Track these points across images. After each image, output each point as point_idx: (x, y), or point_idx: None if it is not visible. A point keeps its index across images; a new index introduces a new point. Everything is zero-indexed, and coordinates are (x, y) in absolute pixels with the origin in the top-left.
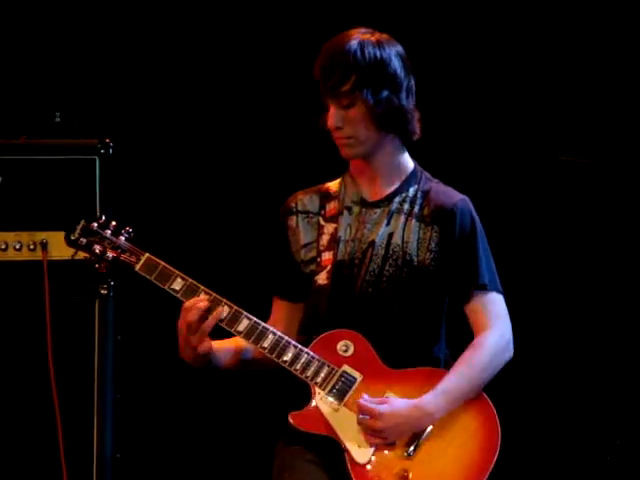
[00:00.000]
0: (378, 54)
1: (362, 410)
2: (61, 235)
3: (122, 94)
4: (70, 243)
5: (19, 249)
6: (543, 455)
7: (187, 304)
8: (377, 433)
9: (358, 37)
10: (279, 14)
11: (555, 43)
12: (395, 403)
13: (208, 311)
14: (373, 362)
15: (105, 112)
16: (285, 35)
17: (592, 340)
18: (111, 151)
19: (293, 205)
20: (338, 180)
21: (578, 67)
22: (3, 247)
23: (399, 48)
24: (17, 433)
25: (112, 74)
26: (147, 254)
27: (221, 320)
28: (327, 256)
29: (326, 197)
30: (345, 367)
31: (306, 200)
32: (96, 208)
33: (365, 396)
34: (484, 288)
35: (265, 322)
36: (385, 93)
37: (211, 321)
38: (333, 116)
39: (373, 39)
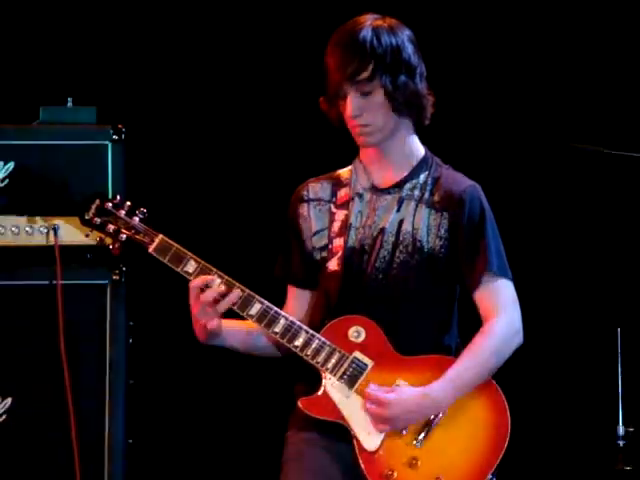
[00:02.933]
0: (393, 40)
1: (370, 398)
2: (73, 220)
3: (134, 79)
4: (84, 222)
5: (31, 234)
6: (554, 443)
7: (196, 282)
8: (385, 421)
9: (370, 24)
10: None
11: (570, 29)
12: (403, 391)
13: (222, 294)
14: (384, 349)
15: (117, 97)
16: (296, 25)
17: (603, 326)
18: (123, 136)
19: (304, 193)
20: (349, 167)
21: (592, 53)
22: (15, 232)
23: (409, 33)
24: (29, 419)
25: (124, 60)
26: (161, 235)
27: (233, 303)
28: (338, 242)
29: (337, 184)
30: (356, 353)
31: (317, 188)
32: (108, 193)
33: (372, 385)
34: (493, 274)
35: (279, 308)
36: (402, 78)
37: (224, 305)
38: (351, 104)
39: (386, 25)
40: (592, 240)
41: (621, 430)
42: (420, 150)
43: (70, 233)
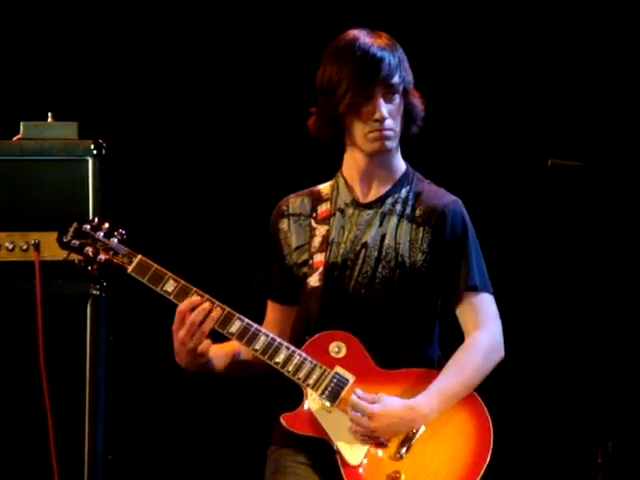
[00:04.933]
0: (403, 52)
1: (355, 408)
2: (54, 236)
3: (115, 95)
4: (62, 245)
5: (12, 249)
6: (535, 456)
7: (184, 306)
8: (369, 433)
9: (380, 34)
10: (264, 23)
11: (546, 46)
12: (388, 403)
13: (203, 314)
14: (366, 363)
15: (99, 113)
16: (275, 41)
17: (583, 342)
18: (104, 152)
19: (284, 208)
20: (329, 183)
21: (570, 70)
22: None
23: None
24: (8, 434)
25: (105, 75)
26: (140, 256)
27: (215, 322)
28: (319, 258)
29: (317, 200)
30: (338, 368)
31: (297, 203)
32: (89, 209)
33: (359, 392)
34: (475, 289)
35: (259, 324)
36: (412, 88)
37: (209, 323)
38: (382, 106)
39: (389, 37)
40: (573, 254)
41: None
42: (402, 165)
43: (51, 249)
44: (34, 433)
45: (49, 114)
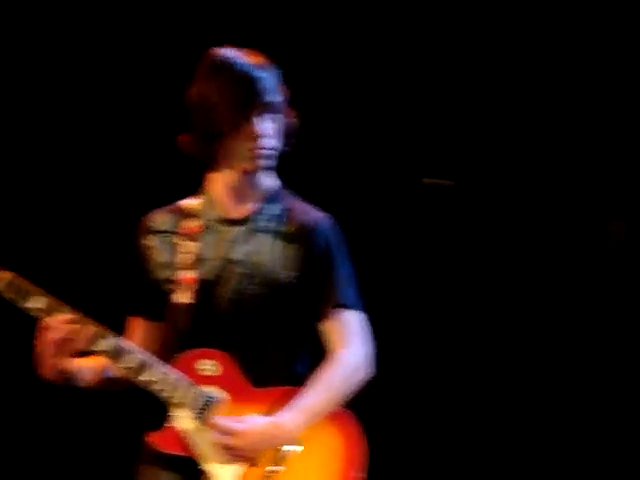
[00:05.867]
0: (278, 70)
1: (218, 429)
2: None
3: None
4: None
5: None
6: (405, 471)
7: (48, 322)
8: (234, 451)
9: (257, 53)
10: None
11: (420, 68)
12: (251, 421)
13: (74, 332)
14: (237, 381)
15: None
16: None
17: (450, 358)
18: None
19: (150, 224)
20: (195, 198)
21: (443, 89)
22: None
23: None
24: None
25: None
26: (8, 272)
27: (87, 340)
28: (187, 274)
29: (183, 215)
30: (208, 387)
31: (163, 219)
32: None
33: (221, 416)
34: (344, 307)
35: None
36: (288, 107)
37: (80, 343)
38: (263, 125)
39: (264, 56)
40: (445, 273)
41: None
42: (273, 182)
43: None
44: None
45: None
